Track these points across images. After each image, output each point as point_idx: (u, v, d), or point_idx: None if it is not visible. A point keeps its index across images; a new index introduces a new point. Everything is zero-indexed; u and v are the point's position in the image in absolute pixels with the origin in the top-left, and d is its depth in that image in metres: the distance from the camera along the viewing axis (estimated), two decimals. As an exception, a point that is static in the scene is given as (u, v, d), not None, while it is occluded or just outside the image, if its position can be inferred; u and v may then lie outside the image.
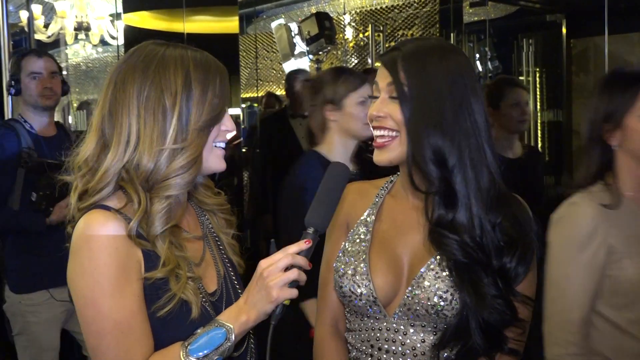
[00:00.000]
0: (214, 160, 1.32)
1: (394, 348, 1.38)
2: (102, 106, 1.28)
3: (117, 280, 1.19)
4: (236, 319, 1.21)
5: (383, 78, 1.38)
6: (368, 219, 1.47)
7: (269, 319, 1.22)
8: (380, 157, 1.38)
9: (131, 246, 1.21)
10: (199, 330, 1.22)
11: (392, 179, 1.53)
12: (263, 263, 1.21)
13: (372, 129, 1.40)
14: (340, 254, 1.46)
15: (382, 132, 1.37)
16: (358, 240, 1.45)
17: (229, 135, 1.36)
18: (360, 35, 6.73)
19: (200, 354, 1.19)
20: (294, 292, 1.20)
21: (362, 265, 1.40)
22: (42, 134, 2.98)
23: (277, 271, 1.19)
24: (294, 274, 1.19)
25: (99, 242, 1.19)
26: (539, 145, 6.18)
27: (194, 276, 1.28)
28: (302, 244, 1.23)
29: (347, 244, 1.47)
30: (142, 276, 1.22)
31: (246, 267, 1.49)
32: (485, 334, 1.29)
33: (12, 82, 2.97)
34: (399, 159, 1.37)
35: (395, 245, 1.42)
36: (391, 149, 1.36)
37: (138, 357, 1.21)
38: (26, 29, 4.46)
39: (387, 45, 6.30)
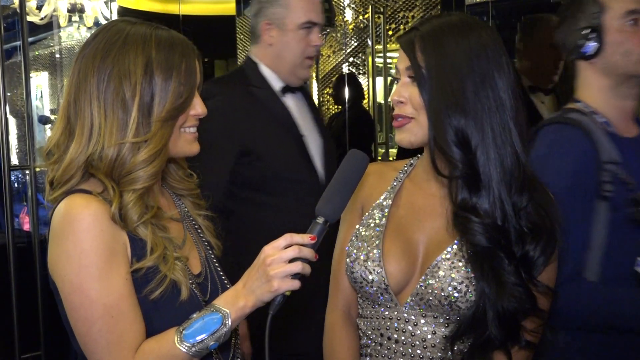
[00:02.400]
0: (184, 146, 1.29)
1: (403, 338, 1.35)
2: (68, 93, 1.25)
3: (104, 264, 1.15)
4: (233, 303, 1.18)
5: (402, 61, 1.34)
6: (384, 202, 1.44)
7: (267, 307, 1.18)
8: (400, 137, 1.36)
9: (116, 228, 1.18)
10: (194, 315, 1.19)
11: (412, 161, 1.49)
12: (267, 249, 1.17)
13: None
14: (354, 238, 1.43)
15: (401, 118, 1.35)
16: (372, 225, 1.42)
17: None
18: (360, 17, 6.64)
19: (195, 339, 1.16)
20: (295, 284, 1.16)
21: (375, 251, 1.37)
22: (623, 133, 1.73)
23: (281, 261, 1.15)
24: (297, 267, 1.15)
25: (83, 224, 1.15)
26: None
27: (180, 257, 1.26)
28: (307, 239, 1.18)
29: (361, 228, 1.43)
30: (129, 260, 1.20)
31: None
32: (502, 324, 1.26)
33: (592, 32, 1.70)
34: (420, 141, 1.34)
35: (412, 231, 1.39)
36: (409, 131, 1.34)
37: (131, 342, 1.18)
38: (18, 10, 4.36)
39: (387, 27, 6.21)
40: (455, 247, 1.32)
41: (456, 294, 1.29)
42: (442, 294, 1.30)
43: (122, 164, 1.21)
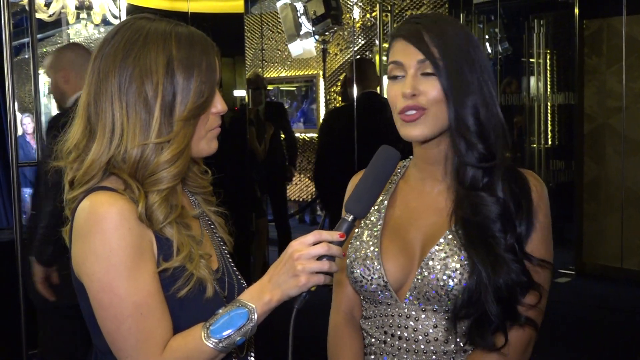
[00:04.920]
0: (205, 145, 1.28)
1: (406, 334, 1.36)
2: (87, 92, 1.23)
3: (132, 262, 1.15)
4: (259, 298, 1.17)
5: (410, 55, 1.34)
6: (381, 204, 1.46)
7: (291, 302, 1.17)
8: (413, 132, 1.35)
9: (142, 226, 1.18)
10: (220, 311, 1.19)
11: (405, 163, 1.51)
12: (295, 244, 1.17)
13: (401, 106, 1.35)
14: (353, 240, 1.45)
15: (413, 111, 1.34)
16: (370, 226, 1.44)
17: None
18: (368, 16, 6.64)
19: (222, 334, 1.15)
20: (321, 279, 1.15)
21: (372, 249, 1.39)
22: None
23: (309, 257, 1.15)
24: (325, 265, 1.15)
25: (111, 223, 1.14)
26: (549, 128, 6.09)
27: (203, 254, 1.26)
28: (336, 236, 1.17)
29: (359, 231, 1.45)
30: (155, 257, 1.19)
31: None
32: (499, 300, 1.27)
33: None
34: (433, 134, 1.35)
35: (408, 230, 1.41)
36: (424, 124, 1.33)
37: (159, 339, 1.17)
38: (27, 7, 4.38)
39: (394, 26, 6.20)
40: (448, 237, 1.34)
41: (451, 282, 1.30)
42: (438, 283, 1.31)
43: (146, 165, 1.20)
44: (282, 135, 5.84)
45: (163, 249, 1.20)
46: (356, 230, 1.46)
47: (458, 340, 1.34)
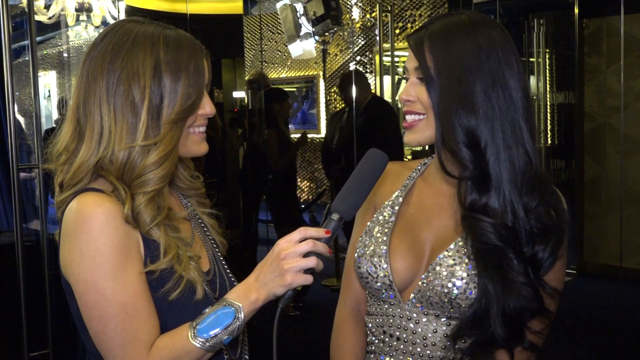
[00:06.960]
0: (193, 146, 1.29)
1: (404, 336, 1.35)
2: (77, 95, 1.24)
3: (118, 261, 1.15)
4: (245, 297, 1.17)
5: (411, 61, 1.34)
6: (395, 200, 1.44)
7: (277, 301, 1.17)
8: (409, 138, 1.36)
9: (129, 227, 1.18)
10: (207, 310, 1.19)
11: (427, 161, 1.49)
12: (282, 243, 1.16)
13: (402, 110, 1.38)
14: (363, 234, 1.43)
15: (412, 116, 1.34)
16: (382, 221, 1.42)
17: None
18: (367, 16, 6.64)
19: (209, 334, 1.15)
20: (308, 279, 1.15)
21: (381, 246, 1.37)
22: None
23: (296, 255, 1.14)
24: (312, 262, 1.14)
25: (97, 223, 1.15)
26: (549, 127, 6.09)
27: (192, 256, 1.26)
28: (321, 233, 1.17)
29: (370, 225, 1.44)
30: (142, 258, 1.19)
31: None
32: (506, 323, 1.24)
33: None
34: (428, 141, 1.34)
35: (420, 229, 1.39)
36: (419, 130, 1.33)
37: (146, 338, 1.17)
38: (26, 9, 4.38)
39: (394, 26, 6.20)
40: (458, 244, 1.32)
41: (456, 291, 1.28)
42: (443, 290, 1.29)
43: (133, 167, 1.21)
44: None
45: (150, 251, 1.20)
46: (368, 223, 1.44)
47: (457, 350, 1.31)
